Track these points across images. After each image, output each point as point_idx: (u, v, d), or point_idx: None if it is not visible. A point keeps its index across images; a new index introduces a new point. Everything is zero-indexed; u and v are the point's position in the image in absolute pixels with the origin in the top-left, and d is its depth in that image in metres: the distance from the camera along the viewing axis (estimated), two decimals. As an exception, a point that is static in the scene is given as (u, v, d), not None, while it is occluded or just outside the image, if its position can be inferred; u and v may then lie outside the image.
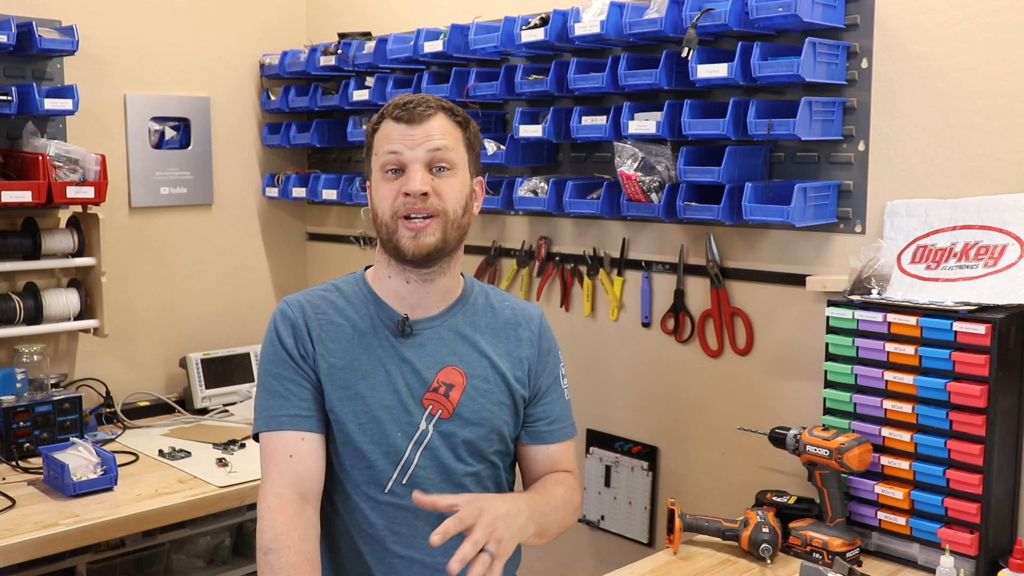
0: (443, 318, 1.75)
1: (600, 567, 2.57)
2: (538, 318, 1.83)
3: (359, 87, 3.06)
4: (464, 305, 1.78)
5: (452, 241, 1.67)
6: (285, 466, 1.63)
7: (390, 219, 1.65)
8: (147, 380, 3.21)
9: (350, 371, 1.68)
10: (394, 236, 1.65)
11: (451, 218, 1.66)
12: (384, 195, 1.66)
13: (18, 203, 2.66)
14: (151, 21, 3.16)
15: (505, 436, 1.76)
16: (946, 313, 1.85)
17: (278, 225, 3.58)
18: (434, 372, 1.70)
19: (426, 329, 1.73)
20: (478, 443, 1.72)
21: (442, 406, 1.69)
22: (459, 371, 1.72)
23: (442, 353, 1.72)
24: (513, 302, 1.84)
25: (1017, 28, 1.90)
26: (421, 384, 1.69)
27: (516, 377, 1.76)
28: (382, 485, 1.67)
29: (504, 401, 1.75)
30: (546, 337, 1.83)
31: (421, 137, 1.64)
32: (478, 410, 1.71)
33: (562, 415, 1.82)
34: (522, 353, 1.78)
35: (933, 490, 1.89)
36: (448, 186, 1.66)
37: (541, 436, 1.80)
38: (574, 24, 2.35)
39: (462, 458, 1.71)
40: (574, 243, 2.73)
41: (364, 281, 1.77)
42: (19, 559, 2.12)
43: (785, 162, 2.26)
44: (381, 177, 1.67)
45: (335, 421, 1.68)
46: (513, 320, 1.80)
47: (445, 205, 1.65)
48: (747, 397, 2.37)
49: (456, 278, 1.78)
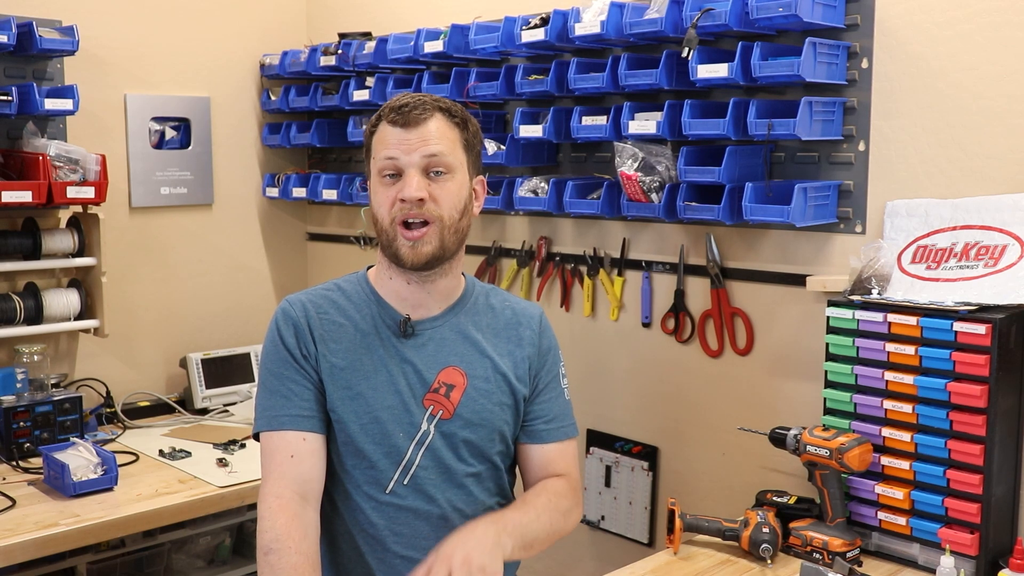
0: (444, 318, 1.75)
1: (600, 567, 2.57)
2: (538, 317, 1.83)
3: (359, 87, 3.06)
4: (465, 305, 1.78)
5: (451, 246, 1.67)
6: (286, 466, 1.63)
7: (389, 225, 1.65)
8: (147, 380, 3.21)
9: (352, 371, 1.68)
10: (393, 243, 1.65)
11: (447, 224, 1.65)
12: (382, 200, 1.66)
13: (18, 203, 2.66)
14: (151, 21, 3.16)
15: (507, 436, 1.76)
16: (946, 313, 1.85)
17: (278, 225, 3.58)
18: (435, 372, 1.70)
19: (428, 329, 1.73)
20: (479, 443, 1.72)
21: (443, 406, 1.69)
22: (460, 371, 1.72)
23: (443, 353, 1.72)
24: (514, 302, 1.84)
25: (1017, 28, 1.90)
26: (422, 384, 1.69)
27: (517, 377, 1.76)
28: (383, 485, 1.67)
29: (505, 401, 1.74)
30: (546, 336, 1.83)
31: (417, 142, 1.63)
32: (479, 410, 1.71)
33: (560, 414, 1.81)
34: (523, 352, 1.78)
35: (933, 490, 1.89)
36: (445, 191, 1.65)
37: (538, 435, 1.79)
38: (574, 24, 2.35)
39: (463, 458, 1.71)
40: (574, 243, 2.73)
41: (366, 281, 1.77)
42: (19, 559, 2.12)
43: (785, 162, 2.26)
44: (379, 181, 1.67)
45: (336, 421, 1.68)
46: (514, 320, 1.80)
47: (441, 211, 1.65)
48: (747, 397, 2.37)
49: (457, 278, 1.78)
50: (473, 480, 1.72)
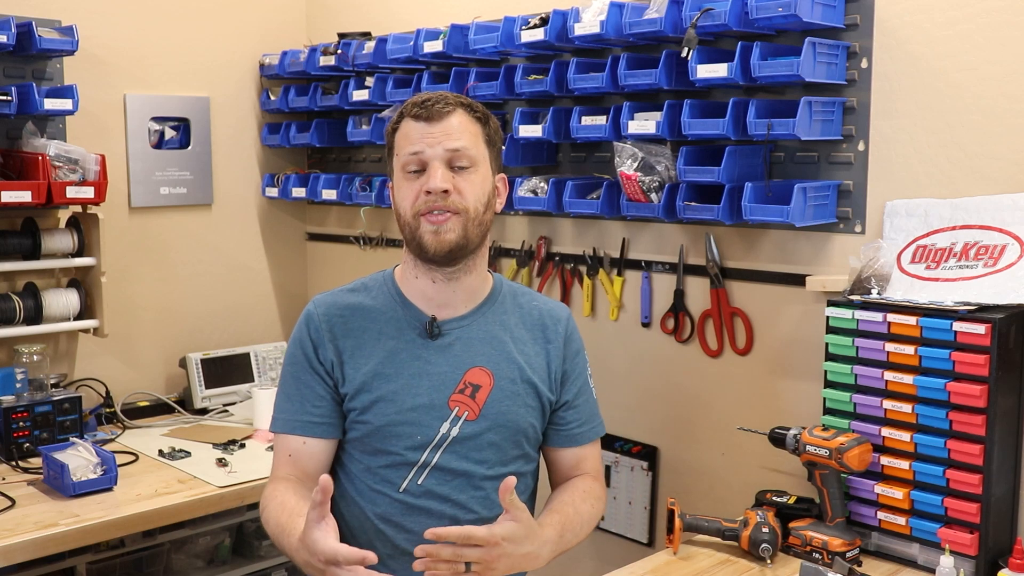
0: (471, 318, 1.75)
1: (600, 567, 2.57)
2: (565, 319, 1.83)
3: (359, 87, 3.06)
4: (492, 305, 1.78)
5: (474, 238, 1.67)
6: (285, 463, 1.71)
7: (412, 218, 1.66)
8: (147, 380, 3.21)
9: (376, 373, 1.69)
10: (416, 233, 1.65)
11: (472, 216, 1.66)
12: (406, 194, 1.66)
13: (18, 203, 2.66)
14: (151, 21, 3.16)
15: (531, 439, 1.76)
16: (946, 313, 1.85)
17: (278, 225, 3.58)
18: (461, 373, 1.70)
19: (454, 329, 1.73)
20: (503, 445, 1.72)
21: (468, 407, 1.69)
22: (487, 372, 1.71)
23: (469, 354, 1.72)
24: (541, 302, 1.84)
25: (1017, 28, 1.90)
26: (448, 385, 1.69)
27: (543, 379, 1.76)
28: (397, 485, 1.68)
29: (531, 404, 1.74)
30: (574, 339, 1.83)
31: (441, 135, 1.64)
32: (504, 411, 1.71)
33: (592, 415, 1.85)
34: (550, 355, 1.78)
35: (933, 490, 1.89)
36: (469, 183, 1.66)
37: (574, 438, 1.81)
38: (574, 24, 2.35)
39: (484, 460, 1.70)
40: (574, 243, 2.73)
41: (392, 281, 1.78)
42: (19, 559, 2.12)
43: (785, 162, 2.26)
44: (403, 176, 1.68)
45: (360, 422, 1.69)
46: (540, 321, 1.80)
47: (466, 203, 1.65)
48: (747, 397, 2.37)
49: (484, 276, 1.78)
50: (492, 483, 1.70)
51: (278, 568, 2.87)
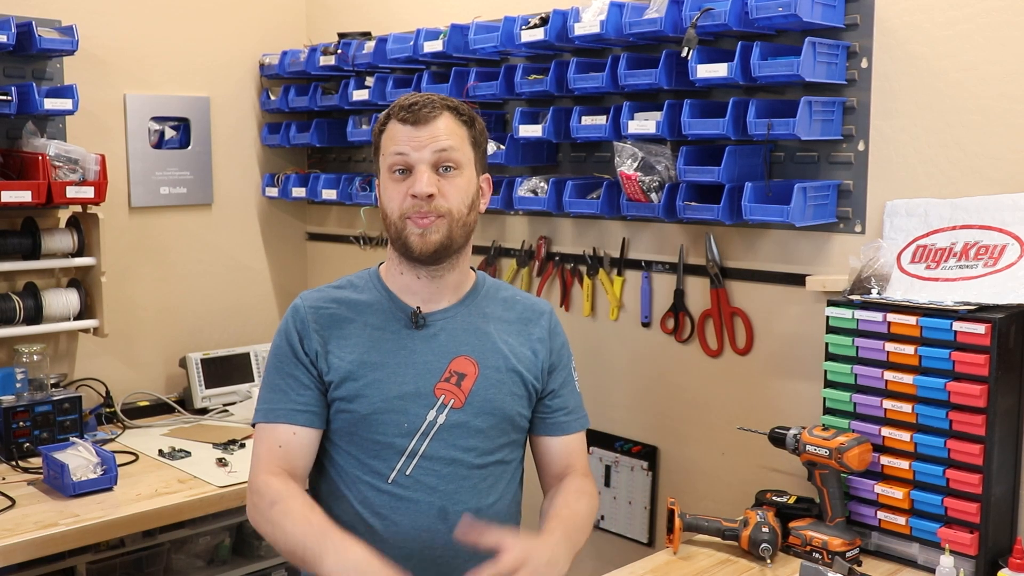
0: (455, 310, 1.77)
1: (600, 567, 2.56)
2: (548, 314, 1.86)
3: (359, 87, 3.06)
4: (476, 298, 1.81)
5: (458, 239, 1.71)
6: (274, 454, 1.69)
7: (398, 219, 1.69)
8: (147, 380, 3.21)
9: (362, 362, 1.70)
10: (403, 234, 1.68)
11: (456, 217, 1.69)
12: (392, 196, 1.69)
13: (18, 203, 2.66)
14: (151, 21, 3.16)
15: (518, 426, 1.78)
16: (946, 313, 1.85)
17: (278, 225, 3.58)
18: (446, 362, 1.72)
19: (439, 320, 1.75)
20: (490, 432, 1.73)
21: (454, 395, 1.71)
22: (472, 361, 1.73)
23: (454, 344, 1.74)
24: (523, 296, 1.88)
25: (1017, 28, 1.90)
26: (434, 374, 1.71)
27: (528, 368, 1.78)
28: (385, 475, 1.69)
29: (517, 392, 1.76)
30: (557, 332, 1.86)
31: (427, 138, 1.67)
32: (491, 399, 1.73)
33: (577, 405, 1.86)
34: (535, 347, 1.80)
35: (933, 490, 1.89)
36: (454, 186, 1.68)
37: (560, 427, 1.82)
38: (574, 24, 2.35)
39: (472, 448, 1.72)
40: (574, 243, 2.73)
41: (378, 276, 1.80)
42: (19, 559, 2.12)
43: (785, 162, 2.26)
44: (389, 178, 1.70)
45: (347, 411, 1.70)
46: (523, 314, 1.83)
47: (450, 205, 1.68)
48: (747, 397, 2.37)
49: (466, 273, 1.81)
50: (480, 472, 1.72)
51: (278, 568, 2.87)
